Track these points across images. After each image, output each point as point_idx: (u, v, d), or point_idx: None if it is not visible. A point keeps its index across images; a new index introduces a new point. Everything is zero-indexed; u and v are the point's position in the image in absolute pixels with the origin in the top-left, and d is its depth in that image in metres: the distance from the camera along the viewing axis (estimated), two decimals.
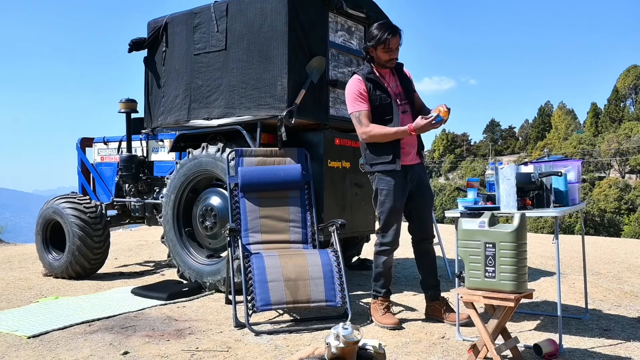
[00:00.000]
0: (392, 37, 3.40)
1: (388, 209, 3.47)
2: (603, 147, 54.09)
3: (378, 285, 3.59)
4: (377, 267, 3.57)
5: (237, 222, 4.03)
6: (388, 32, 3.39)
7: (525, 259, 2.69)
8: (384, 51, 3.43)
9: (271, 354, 2.98)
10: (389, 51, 3.43)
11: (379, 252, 3.56)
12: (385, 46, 3.41)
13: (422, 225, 3.64)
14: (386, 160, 3.45)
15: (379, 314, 3.53)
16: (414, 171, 3.56)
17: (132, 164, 5.40)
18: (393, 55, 3.46)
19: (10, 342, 3.25)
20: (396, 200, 3.47)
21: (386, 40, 3.39)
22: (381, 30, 3.40)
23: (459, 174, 68.68)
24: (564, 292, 4.36)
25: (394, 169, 3.44)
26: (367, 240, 5.48)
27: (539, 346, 2.85)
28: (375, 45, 3.42)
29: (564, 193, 3.14)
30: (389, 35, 3.39)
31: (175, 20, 4.91)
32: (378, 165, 3.48)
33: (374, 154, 3.49)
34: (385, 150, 3.45)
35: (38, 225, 5.52)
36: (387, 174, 3.46)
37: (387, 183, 3.47)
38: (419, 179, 3.58)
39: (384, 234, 3.52)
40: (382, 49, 3.42)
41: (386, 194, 3.47)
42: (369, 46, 3.46)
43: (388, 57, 3.45)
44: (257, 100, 4.31)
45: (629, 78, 64.46)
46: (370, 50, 3.47)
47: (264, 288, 3.49)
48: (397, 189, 3.46)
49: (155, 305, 4.08)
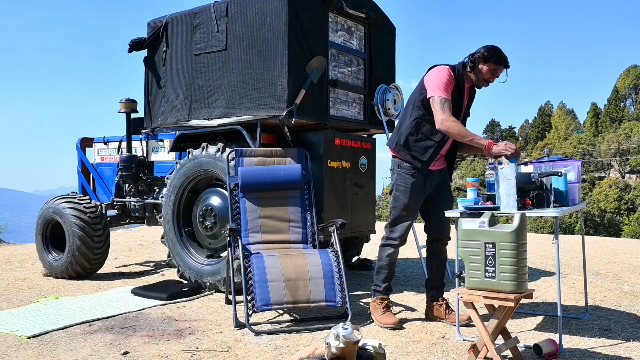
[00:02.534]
0: (505, 68, 3.39)
1: (401, 205, 3.50)
2: (603, 147, 54.07)
3: (379, 279, 3.59)
4: (380, 259, 3.59)
5: (237, 222, 4.03)
6: (506, 62, 3.37)
7: (525, 259, 2.69)
8: (490, 71, 3.37)
9: (271, 354, 2.98)
10: (493, 74, 3.39)
11: (384, 245, 3.58)
12: (495, 68, 3.37)
13: (439, 224, 3.63)
14: (422, 158, 3.44)
15: (378, 314, 3.53)
16: (435, 176, 3.56)
17: (132, 164, 5.40)
18: (491, 80, 3.43)
19: (10, 342, 3.26)
20: (411, 198, 3.48)
21: (502, 65, 3.37)
22: (502, 55, 3.36)
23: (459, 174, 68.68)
24: (564, 292, 4.36)
25: (421, 170, 3.45)
26: (367, 240, 5.48)
27: (539, 346, 2.85)
28: (490, 61, 3.34)
29: (564, 193, 3.14)
30: (505, 65, 3.38)
31: (176, 21, 4.91)
32: (410, 156, 3.46)
33: (416, 144, 3.45)
34: (426, 149, 3.43)
35: (38, 225, 5.52)
36: (408, 171, 3.47)
37: (405, 180, 3.49)
38: (439, 182, 3.60)
39: (392, 228, 3.54)
40: (491, 69, 3.36)
41: (402, 190, 3.49)
42: (484, 57, 3.35)
43: (488, 77, 3.40)
44: (257, 100, 4.31)
45: (629, 78, 64.42)
46: (479, 59, 3.37)
47: (264, 288, 3.49)
48: (414, 188, 3.48)
49: (155, 305, 4.08)
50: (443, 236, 3.67)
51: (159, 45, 5.04)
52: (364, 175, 4.79)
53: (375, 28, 4.98)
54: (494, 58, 3.33)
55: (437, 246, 3.69)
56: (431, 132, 3.41)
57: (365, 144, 4.85)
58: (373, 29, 4.96)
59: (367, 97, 4.95)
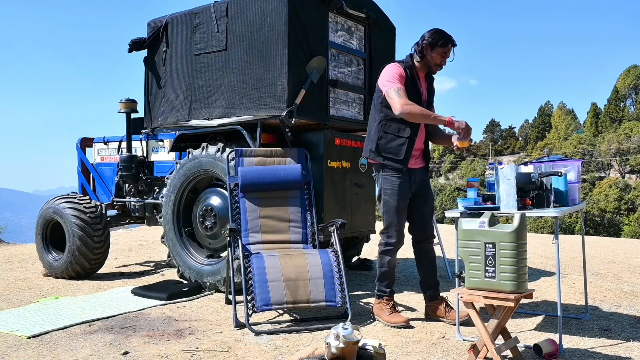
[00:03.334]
0: (453, 47, 3.50)
1: (392, 208, 3.51)
2: (603, 147, 54.09)
3: (383, 285, 3.61)
4: (382, 266, 3.59)
5: (237, 222, 4.03)
6: (453, 41, 3.49)
7: (525, 259, 2.69)
8: (440, 54, 3.48)
9: (271, 354, 2.98)
10: (444, 56, 3.49)
11: (383, 252, 3.59)
12: (445, 50, 3.47)
13: (423, 225, 3.67)
14: (397, 158, 3.49)
15: (386, 314, 3.54)
16: (417, 174, 3.61)
17: (132, 164, 5.40)
18: (444, 63, 3.53)
19: (10, 342, 3.25)
20: (399, 200, 3.51)
21: (449, 46, 3.47)
22: (447, 36, 3.48)
23: (459, 174, 68.65)
24: (564, 292, 4.36)
25: (401, 168, 3.49)
26: (367, 240, 5.48)
27: (539, 346, 2.85)
28: (437, 45, 3.45)
29: (564, 193, 3.14)
30: (452, 44, 3.48)
31: (176, 21, 4.91)
32: (387, 159, 3.51)
33: (388, 145, 3.51)
34: (399, 148, 3.49)
35: (38, 225, 5.52)
36: (392, 174, 3.50)
37: (392, 183, 3.51)
38: (420, 181, 3.64)
39: (388, 233, 3.55)
40: (440, 52, 3.47)
41: (390, 193, 3.51)
42: (431, 43, 3.45)
43: (440, 61, 3.50)
44: (257, 100, 4.31)
45: (629, 78, 64.43)
46: (426, 47, 3.47)
47: (264, 288, 3.49)
48: (401, 189, 3.51)
49: (155, 305, 4.08)
50: (429, 236, 3.71)
51: (159, 45, 5.04)
52: (364, 175, 4.79)
53: (375, 28, 4.98)
54: (440, 41, 3.45)
55: (424, 245, 3.71)
56: (398, 129, 3.49)
57: None
58: (373, 29, 4.96)
59: (367, 97, 4.95)
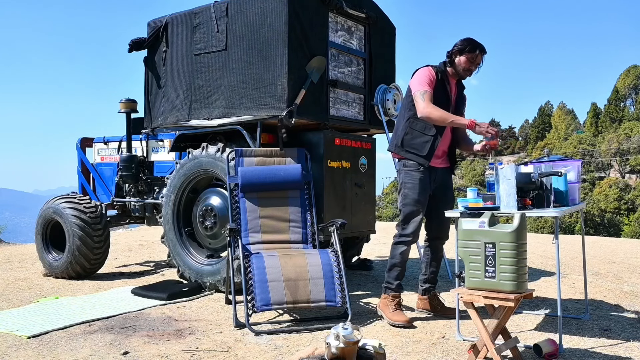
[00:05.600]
0: (481, 54, 3.56)
1: (411, 201, 3.56)
2: (603, 147, 54.06)
3: (391, 276, 3.62)
4: (393, 257, 3.63)
5: (237, 222, 4.03)
6: (481, 48, 3.55)
7: (525, 259, 2.69)
8: (468, 60, 3.54)
9: (271, 354, 2.98)
10: (472, 62, 3.55)
11: (397, 243, 3.62)
12: (472, 56, 3.53)
13: (440, 223, 3.74)
14: (421, 154, 3.55)
15: (389, 310, 3.55)
16: (438, 174, 3.67)
17: (132, 164, 5.40)
18: (473, 68, 3.59)
19: (10, 342, 3.26)
20: (420, 193, 3.57)
21: (477, 52, 3.53)
22: (475, 43, 3.55)
23: (459, 174, 68.69)
24: (564, 292, 4.36)
25: (423, 163, 3.55)
26: (367, 240, 5.49)
27: (539, 346, 2.85)
28: (464, 52, 3.53)
29: (564, 193, 3.14)
30: (481, 51, 3.55)
31: (176, 20, 4.91)
32: (411, 154, 3.58)
33: (413, 142, 3.58)
34: (423, 145, 3.55)
35: (38, 225, 5.52)
36: (414, 169, 3.57)
37: (413, 177, 3.57)
38: (442, 181, 3.70)
39: (404, 225, 3.60)
40: (468, 58, 3.54)
41: (411, 187, 3.57)
42: (459, 49, 3.55)
43: (468, 66, 3.56)
44: (257, 100, 4.31)
45: (629, 78, 64.39)
46: (455, 53, 3.56)
47: (264, 288, 3.49)
48: (422, 183, 3.57)
49: (155, 305, 4.08)
50: (443, 235, 3.79)
51: (159, 45, 5.04)
52: (364, 175, 4.80)
53: (375, 28, 4.98)
54: (467, 47, 3.53)
55: (436, 244, 3.80)
56: (424, 127, 3.56)
57: (365, 144, 4.86)
58: (373, 29, 4.96)
59: (367, 97, 4.95)
